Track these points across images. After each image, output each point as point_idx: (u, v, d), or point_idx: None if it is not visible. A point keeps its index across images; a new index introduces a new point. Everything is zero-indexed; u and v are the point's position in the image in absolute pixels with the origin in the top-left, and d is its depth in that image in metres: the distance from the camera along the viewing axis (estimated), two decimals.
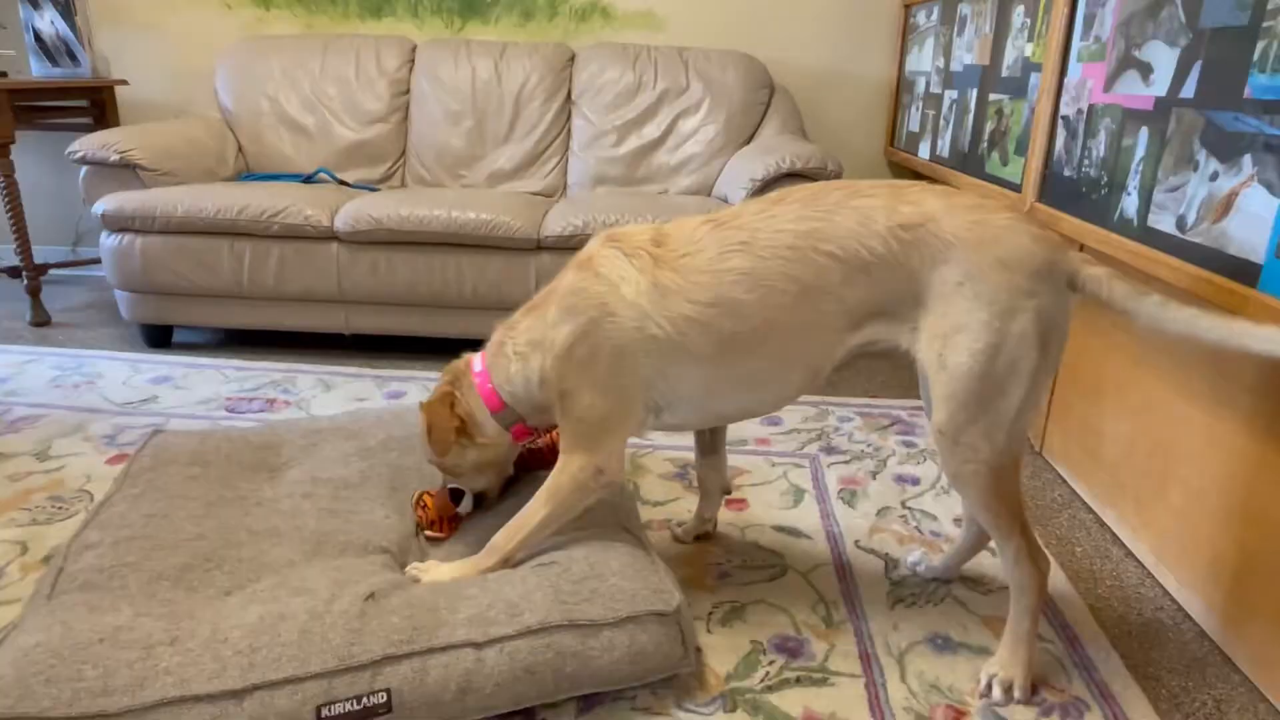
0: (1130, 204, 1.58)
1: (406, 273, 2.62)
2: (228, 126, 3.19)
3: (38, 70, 3.32)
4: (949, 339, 1.20)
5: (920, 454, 2.13)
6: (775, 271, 1.27)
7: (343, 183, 3.05)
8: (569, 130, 3.19)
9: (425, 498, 1.60)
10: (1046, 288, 1.18)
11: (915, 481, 1.98)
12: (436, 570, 1.39)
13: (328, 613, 1.23)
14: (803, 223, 1.27)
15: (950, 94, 2.67)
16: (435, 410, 1.48)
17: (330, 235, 2.61)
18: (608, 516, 1.51)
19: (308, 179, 3.03)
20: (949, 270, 1.20)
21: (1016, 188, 2.10)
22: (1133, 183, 1.57)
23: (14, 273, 3.25)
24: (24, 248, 3.09)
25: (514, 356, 1.43)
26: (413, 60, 3.24)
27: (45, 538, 1.66)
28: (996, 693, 1.30)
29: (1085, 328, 1.98)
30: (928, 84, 2.93)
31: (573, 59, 3.22)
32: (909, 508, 1.87)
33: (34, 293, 3.08)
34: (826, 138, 3.43)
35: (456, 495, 1.62)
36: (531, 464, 1.69)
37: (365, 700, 1.14)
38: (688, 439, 2.18)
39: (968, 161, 2.48)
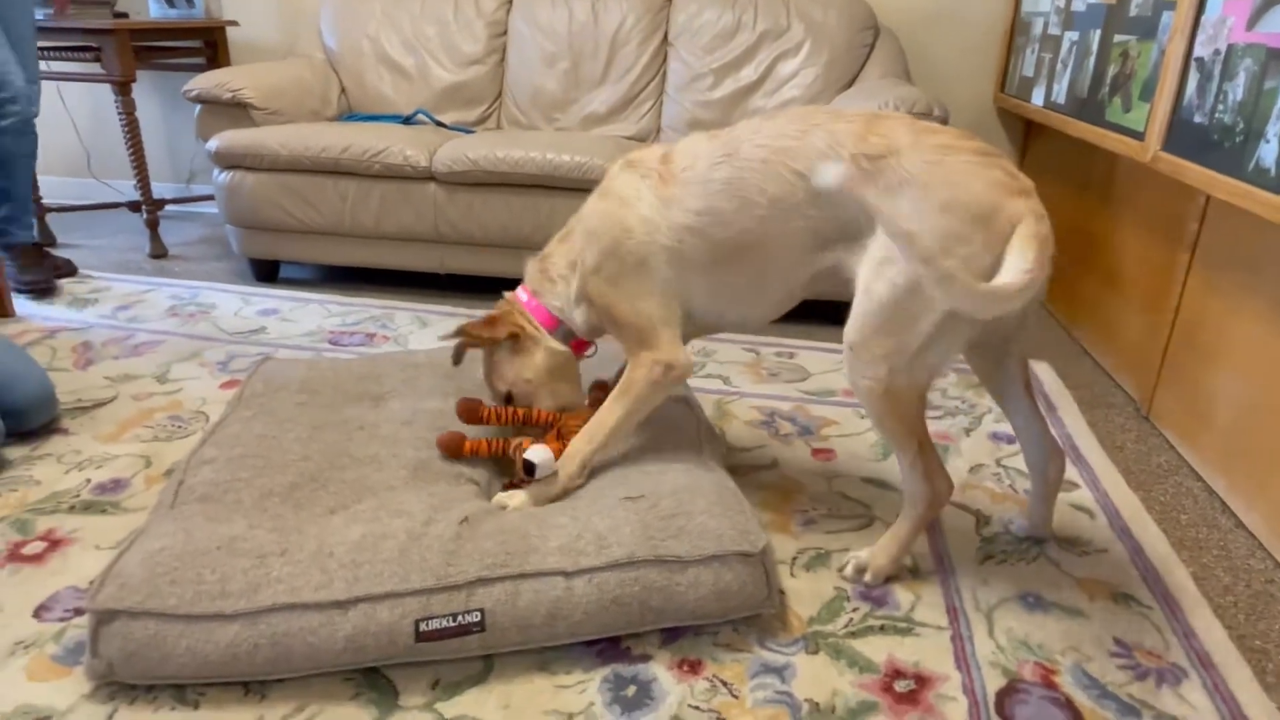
0: (1269, 153, 1.47)
1: (501, 214, 2.65)
2: (331, 67, 3.26)
3: (155, 12, 3.45)
4: (879, 267, 1.25)
5: None
6: (750, 184, 1.34)
7: (440, 124, 3.09)
8: (664, 73, 3.15)
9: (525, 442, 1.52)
10: (981, 235, 1.18)
11: (1011, 440, 1.93)
12: (520, 497, 1.44)
13: (425, 534, 1.28)
14: (779, 139, 1.33)
15: (1070, 35, 2.52)
16: (498, 315, 1.57)
17: (428, 175, 2.65)
18: (693, 456, 1.52)
19: (407, 120, 3.08)
20: (899, 205, 1.22)
21: (1139, 136, 1.98)
22: (1273, 130, 1.46)
23: (134, 207, 3.43)
24: (143, 183, 3.25)
25: (558, 279, 1.56)
26: (510, 1, 3.23)
27: (166, 453, 1.77)
28: (849, 570, 1.43)
29: (1205, 288, 1.87)
30: (1046, 25, 2.76)
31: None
32: (1003, 465, 1.82)
33: (152, 226, 3.25)
34: (933, 82, 3.28)
35: (529, 468, 1.47)
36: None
37: (460, 618, 1.19)
38: (774, 386, 2.17)
39: (1086, 108, 2.35)
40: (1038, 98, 2.78)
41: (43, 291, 2.66)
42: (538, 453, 1.45)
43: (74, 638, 1.25)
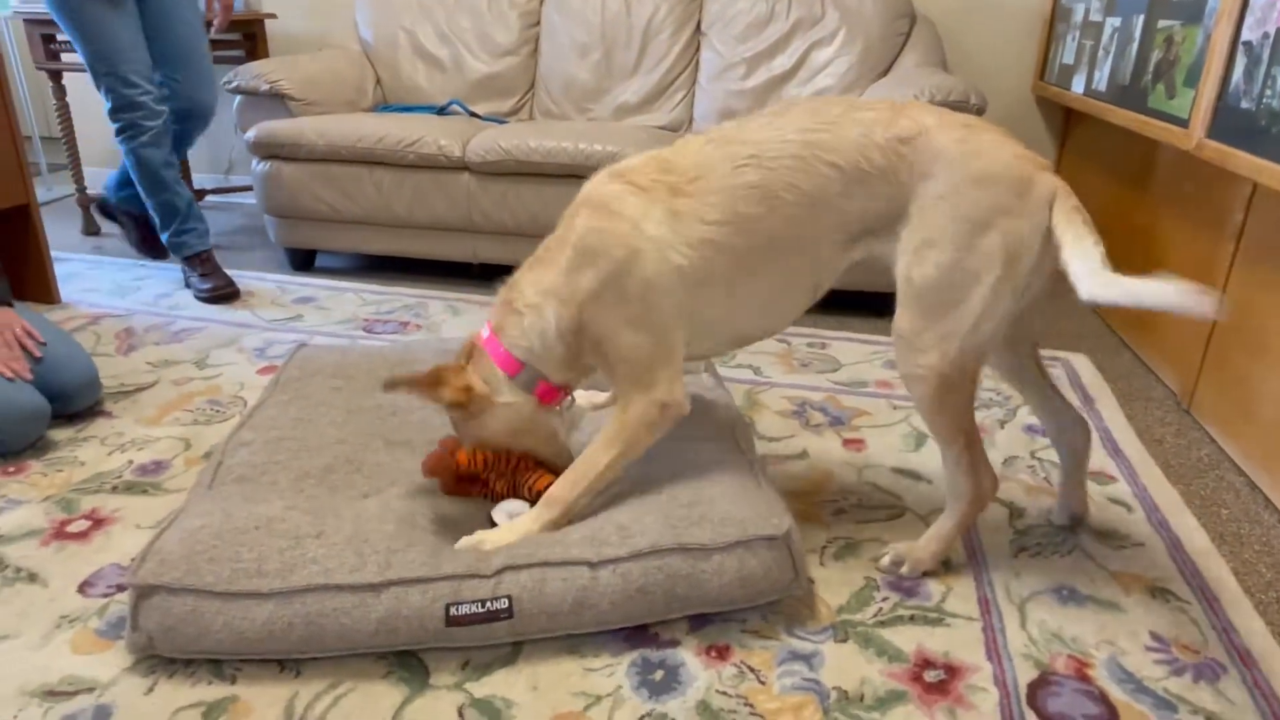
0: None
1: (533, 203, 2.66)
2: (367, 58, 3.30)
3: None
4: (920, 251, 1.24)
5: None
6: (782, 182, 1.27)
7: (474, 114, 3.11)
8: (697, 63, 3.14)
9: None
10: (1021, 205, 1.20)
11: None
12: (498, 534, 1.31)
13: (455, 524, 1.30)
14: (807, 133, 1.27)
15: (1112, 21, 2.47)
16: (443, 372, 1.35)
17: (462, 165, 2.67)
18: (719, 444, 1.52)
19: (441, 110, 3.10)
20: (932, 184, 1.22)
21: (1183, 123, 1.93)
22: None
23: None
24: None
25: (525, 311, 1.34)
26: None
27: (204, 436, 1.81)
28: (886, 561, 1.40)
29: (1250, 279, 1.82)
30: (1087, 11, 2.71)
31: None
32: (1038, 458, 1.79)
33: None
34: (970, 71, 3.23)
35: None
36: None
37: (489, 604, 1.20)
38: (805, 376, 2.16)
39: (1128, 95, 2.30)
40: (1078, 85, 2.73)
41: (227, 296, 2.62)
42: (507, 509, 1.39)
43: (116, 612, 1.28)
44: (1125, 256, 2.54)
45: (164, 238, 2.66)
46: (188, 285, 2.71)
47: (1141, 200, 2.47)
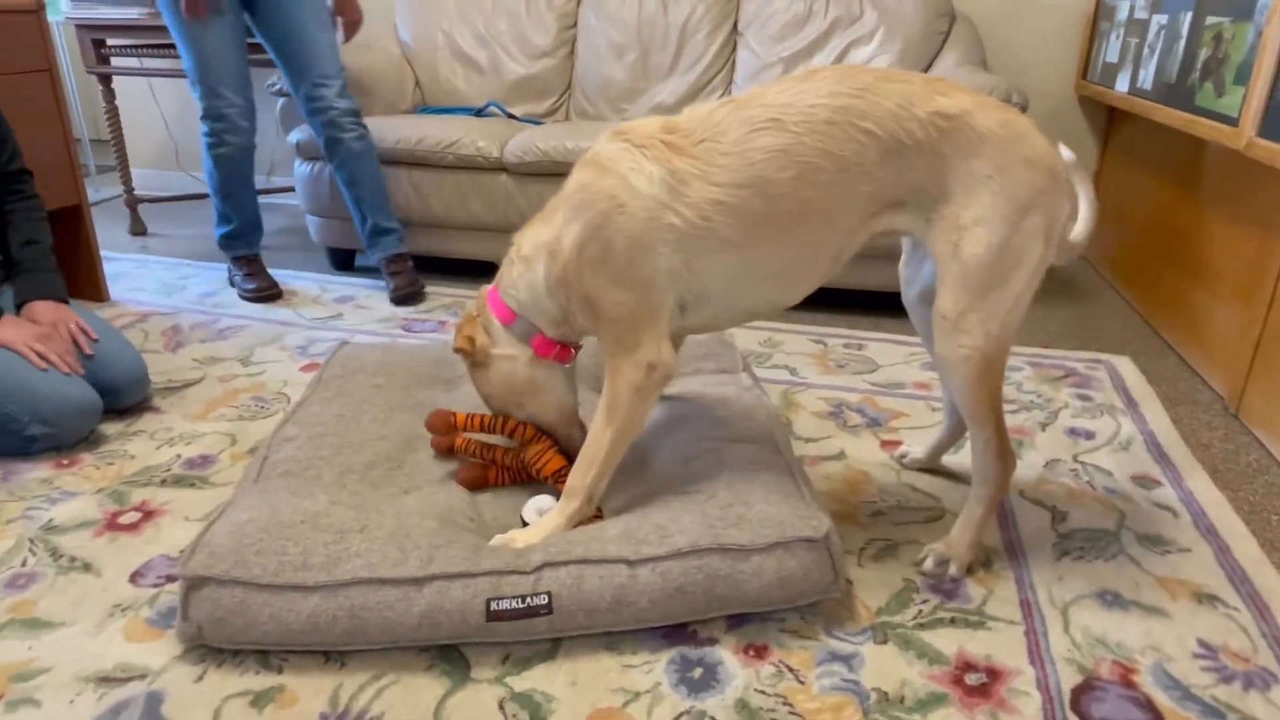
0: None
1: None
2: (406, 61, 3.33)
3: None
4: (968, 230, 1.24)
5: (1097, 408, 2.00)
6: (813, 147, 1.24)
7: (511, 116, 3.13)
8: (733, 63, 3.13)
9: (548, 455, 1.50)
10: (1057, 187, 1.26)
11: (1089, 436, 1.87)
12: (528, 533, 1.34)
13: (494, 521, 1.31)
14: (838, 99, 1.24)
15: (1159, 19, 2.43)
16: (461, 323, 1.48)
17: (500, 166, 2.70)
18: (757, 445, 1.52)
19: (478, 112, 3.13)
20: (979, 163, 1.23)
21: (1233, 121, 1.89)
22: None
23: None
24: None
25: (518, 261, 1.42)
26: None
27: (249, 432, 1.85)
28: (929, 564, 1.40)
29: None
30: (1132, 8, 2.66)
31: None
32: (1080, 461, 1.77)
33: None
34: (1011, 69, 3.20)
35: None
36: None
37: (529, 600, 1.21)
38: (842, 377, 2.15)
39: (1174, 94, 2.26)
40: (1122, 84, 2.68)
41: (270, 297, 2.67)
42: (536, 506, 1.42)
43: (166, 603, 1.31)
44: (1171, 257, 2.50)
45: (217, 233, 2.71)
46: (232, 284, 2.76)
47: (1188, 200, 2.43)
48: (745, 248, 1.29)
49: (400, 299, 2.67)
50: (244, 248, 2.73)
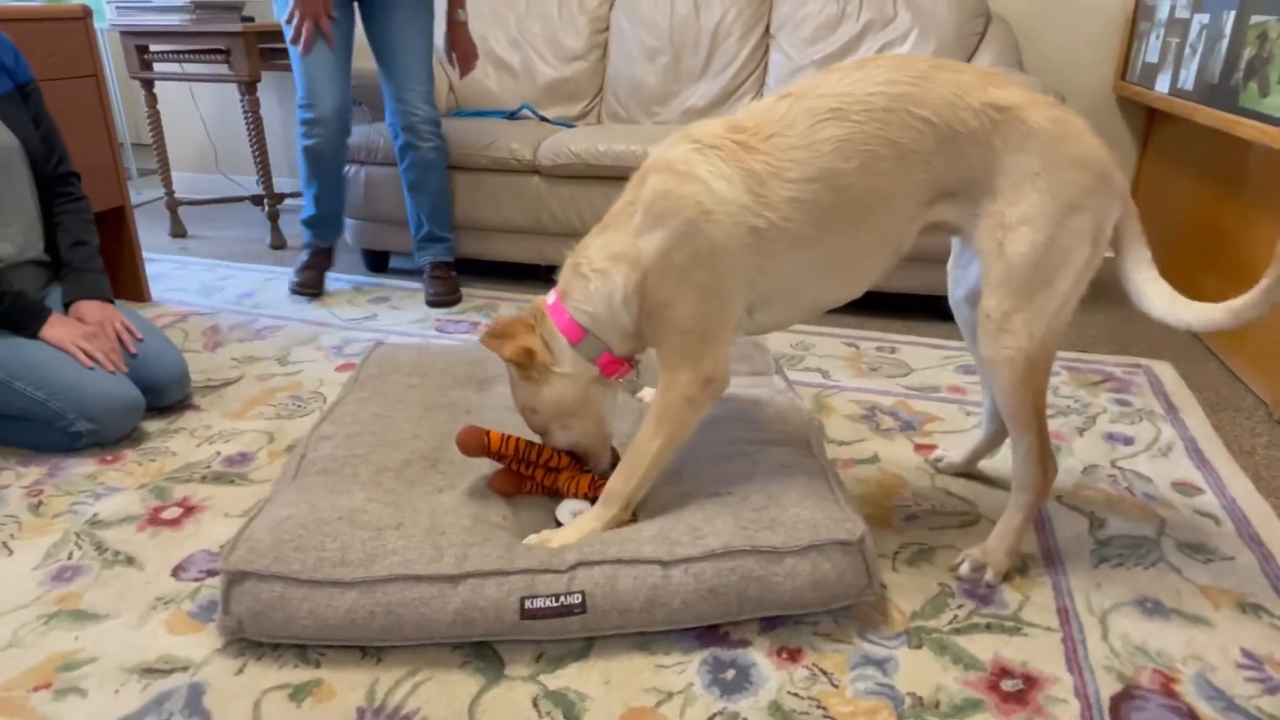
0: None
1: (601, 206, 2.65)
2: (440, 64, 3.36)
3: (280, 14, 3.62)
4: (1013, 228, 1.23)
5: (1136, 413, 1.97)
6: (873, 135, 1.23)
7: (544, 119, 3.15)
8: (765, 65, 3.13)
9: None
10: (1106, 189, 1.24)
11: (1128, 441, 1.84)
12: (562, 533, 1.33)
13: (527, 521, 1.32)
14: (894, 86, 1.24)
15: (1200, 18, 2.39)
16: (510, 325, 1.36)
17: (533, 169, 2.72)
18: (790, 447, 1.52)
19: (512, 115, 3.15)
20: (1027, 159, 1.22)
21: (1277, 122, 1.86)
22: None
23: (256, 200, 3.62)
24: (266, 178, 3.43)
25: (592, 274, 1.31)
26: None
27: (286, 430, 1.87)
28: (965, 569, 1.38)
29: None
30: (1173, 8, 2.62)
31: None
32: (1119, 467, 1.74)
33: (273, 219, 3.43)
34: (1048, 71, 3.16)
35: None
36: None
37: (563, 599, 1.22)
38: (875, 380, 2.13)
39: (1217, 94, 2.22)
40: (1162, 85, 2.64)
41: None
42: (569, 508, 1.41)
43: (207, 596, 1.34)
44: (1212, 260, 2.46)
45: (302, 216, 2.78)
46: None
47: (1230, 202, 2.38)
48: (815, 243, 1.27)
49: (437, 304, 2.71)
50: (315, 237, 2.80)
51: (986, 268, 1.26)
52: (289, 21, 2.47)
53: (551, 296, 1.38)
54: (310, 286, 2.76)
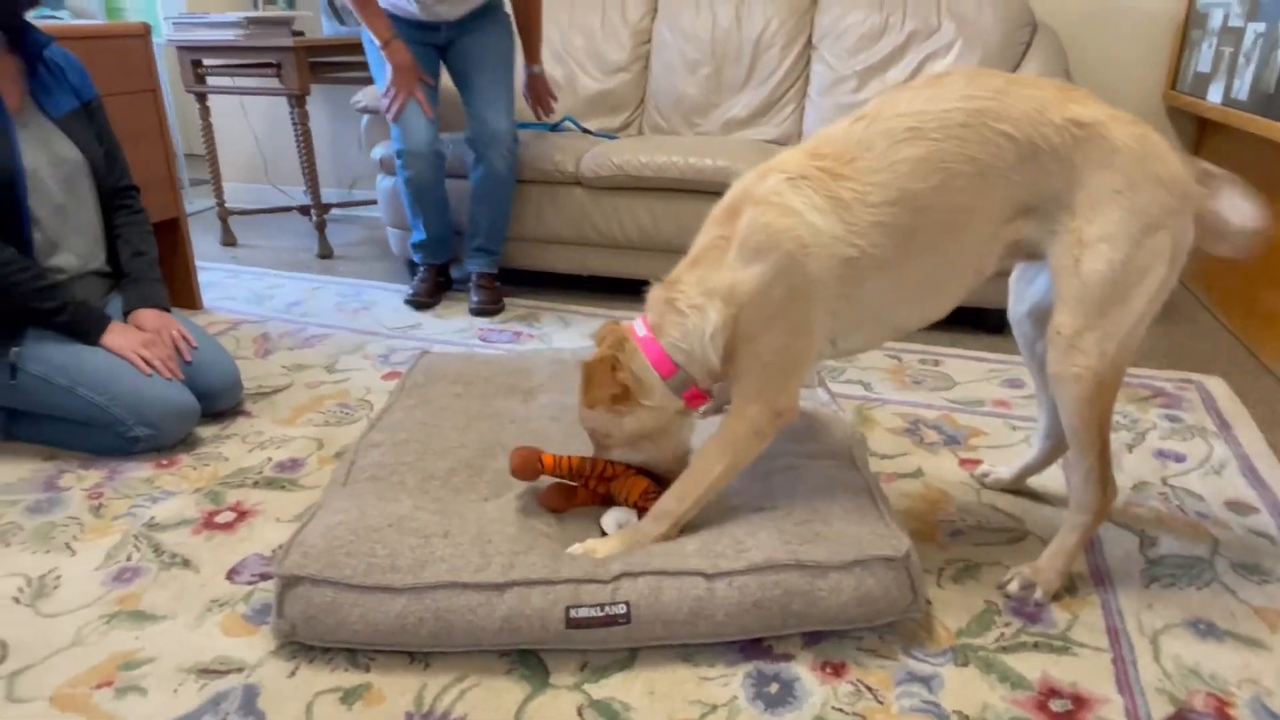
0: None
1: (643, 217, 2.71)
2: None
3: (328, 29, 3.71)
4: (1091, 245, 1.22)
5: (1187, 430, 1.94)
6: (952, 153, 1.22)
7: (586, 130, 3.18)
8: (807, 76, 3.13)
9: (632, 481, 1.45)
10: (1186, 208, 1.23)
11: (1180, 459, 1.81)
12: (607, 544, 1.33)
13: (572, 530, 1.34)
14: (972, 101, 1.23)
15: (1255, 27, 2.34)
16: (595, 368, 1.34)
17: (575, 180, 2.74)
18: (835, 461, 1.51)
19: (554, 127, 3.18)
20: (1109, 176, 1.21)
21: None
22: None
23: (304, 210, 3.70)
24: (314, 188, 3.50)
25: (689, 311, 1.30)
26: (655, 9, 3.29)
27: (335, 437, 1.91)
28: (1014, 586, 1.36)
29: None
30: (1226, 17, 2.58)
31: (815, 2, 3.13)
32: (1170, 485, 1.71)
33: (320, 228, 3.50)
34: (1095, 80, 3.12)
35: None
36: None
37: (607, 609, 1.23)
38: (918, 393, 2.12)
39: (1273, 104, 2.18)
40: (1215, 95, 2.60)
41: (419, 305, 2.81)
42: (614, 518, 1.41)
43: (261, 599, 1.37)
44: (1268, 275, 2.41)
45: (411, 239, 2.88)
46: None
47: None
48: (898, 266, 1.26)
49: (480, 313, 2.75)
50: (425, 257, 2.88)
51: (1061, 284, 1.25)
52: (385, 95, 2.60)
53: (641, 329, 1.36)
54: (421, 298, 2.83)
